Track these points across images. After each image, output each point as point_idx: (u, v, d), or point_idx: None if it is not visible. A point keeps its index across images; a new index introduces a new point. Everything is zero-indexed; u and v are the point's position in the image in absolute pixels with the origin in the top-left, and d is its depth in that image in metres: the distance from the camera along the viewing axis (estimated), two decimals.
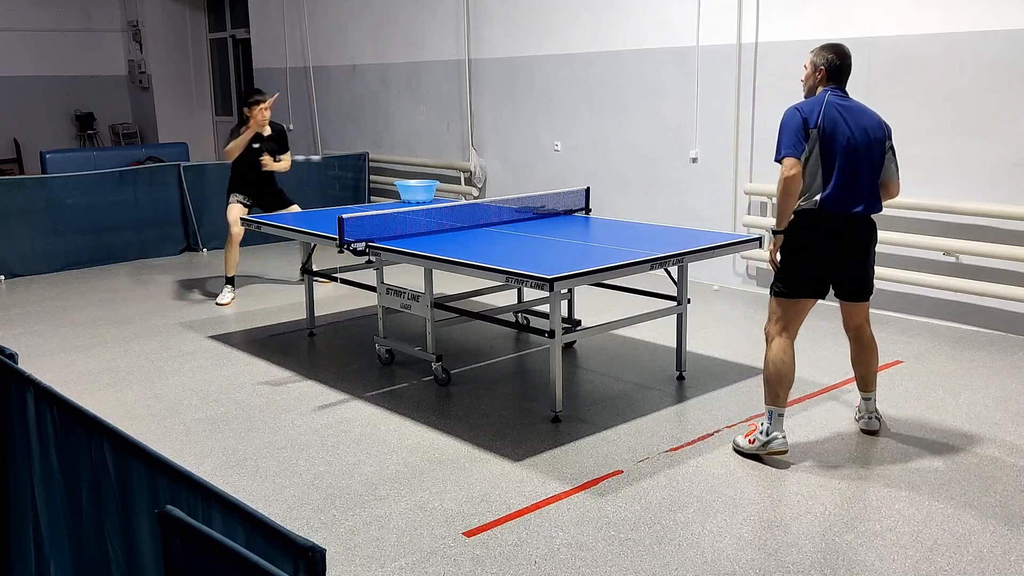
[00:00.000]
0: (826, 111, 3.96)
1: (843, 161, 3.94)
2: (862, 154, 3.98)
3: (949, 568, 3.23)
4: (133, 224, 9.06)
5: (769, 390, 4.10)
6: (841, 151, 3.94)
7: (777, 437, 4.07)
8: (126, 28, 14.48)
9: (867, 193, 4.02)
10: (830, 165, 3.95)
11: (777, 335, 4.11)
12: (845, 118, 3.97)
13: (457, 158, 9.85)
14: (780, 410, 4.08)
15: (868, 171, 4.01)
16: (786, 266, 4.09)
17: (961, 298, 6.21)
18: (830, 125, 3.94)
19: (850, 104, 4.04)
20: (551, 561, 3.31)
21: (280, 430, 4.61)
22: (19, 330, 6.56)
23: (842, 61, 4.06)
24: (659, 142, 7.89)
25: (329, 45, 11.30)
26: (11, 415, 2.56)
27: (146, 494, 1.97)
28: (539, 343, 5.90)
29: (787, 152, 3.93)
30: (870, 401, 4.41)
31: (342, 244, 5.07)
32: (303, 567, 1.46)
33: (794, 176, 3.90)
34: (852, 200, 3.98)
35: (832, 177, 3.95)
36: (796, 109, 4.01)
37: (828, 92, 4.04)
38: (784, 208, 3.99)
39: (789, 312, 4.09)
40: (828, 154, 3.95)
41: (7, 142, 13.57)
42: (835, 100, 4.01)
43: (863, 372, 4.38)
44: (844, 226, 4.01)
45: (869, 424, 4.41)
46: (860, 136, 3.97)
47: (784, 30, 6.94)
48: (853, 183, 3.97)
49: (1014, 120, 5.87)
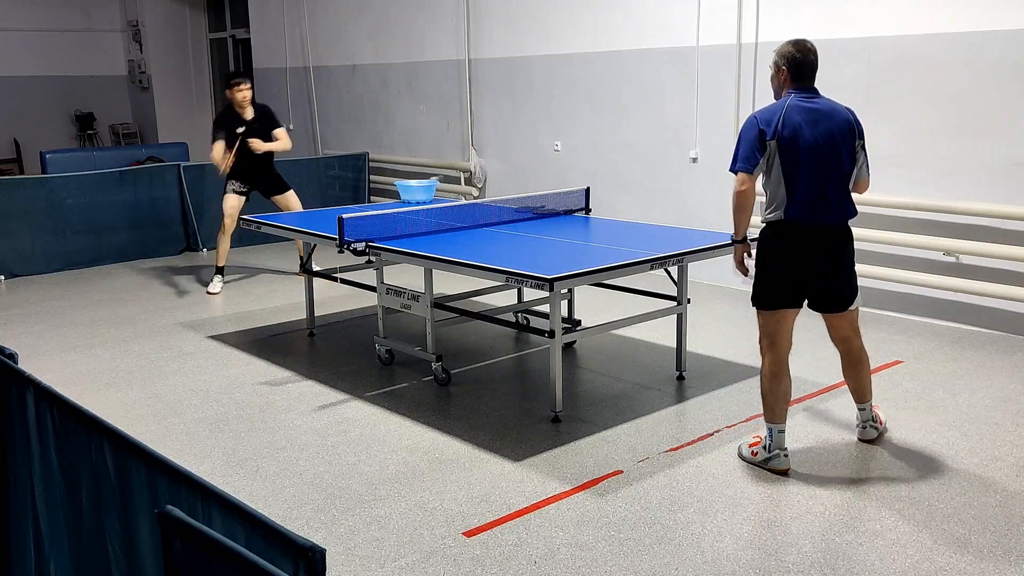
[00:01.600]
0: (787, 118, 3.77)
1: (807, 170, 3.77)
2: (829, 161, 3.80)
3: (949, 568, 3.23)
4: (133, 224, 9.06)
5: (765, 406, 4.02)
6: (804, 160, 3.76)
7: (779, 455, 3.98)
8: (126, 28, 14.48)
9: (836, 201, 3.84)
10: (793, 175, 3.78)
11: (768, 350, 4.01)
12: (810, 122, 3.78)
13: (457, 158, 9.85)
14: (780, 426, 3.99)
15: (836, 178, 3.84)
16: (758, 277, 4.00)
17: (961, 298, 6.20)
18: (790, 134, 3.75)
19: (816, 106, 3.83)
20: (551, 561, 3.31)
21: (280, 430, 4.61)
22: (19, 330, 6.56)
23: (804, 56, 3.85)
24: (659, 142, 7.89)
25: (329, 45, 11.30)
26: (11, 415, 2.56)
27: (146, 494, 1.97)
28: (539, 343, 5.90)
29: (739, 166, 3.83)
30: (865, 411, 4.30)
31: (342, 244, 5.07)
32: (303, 567, 1.46)
33: (744, 191, 3.85)
34: (819, 210, 3.81)
35: (796, 187, 3.79)
36: (754, 118, 3.84)
37: (791, 95, 3.85)
38: (738, 221, 3.98)
39: (770, 324, 3.99)
40: (790, 164, 3.77)
41: (7, 142, 13.57)
42: (798, 104, 3.81)
43: (854, 385, 4.25)
44: (812, 236, 3.85)
45: (864, 434, 4.32)
46: (825, 142, 3.78)
47: (784, 30, 6.93)
48: (819, 192, 3.80)
49: (1014, 120, 5.87)
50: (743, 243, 4.10)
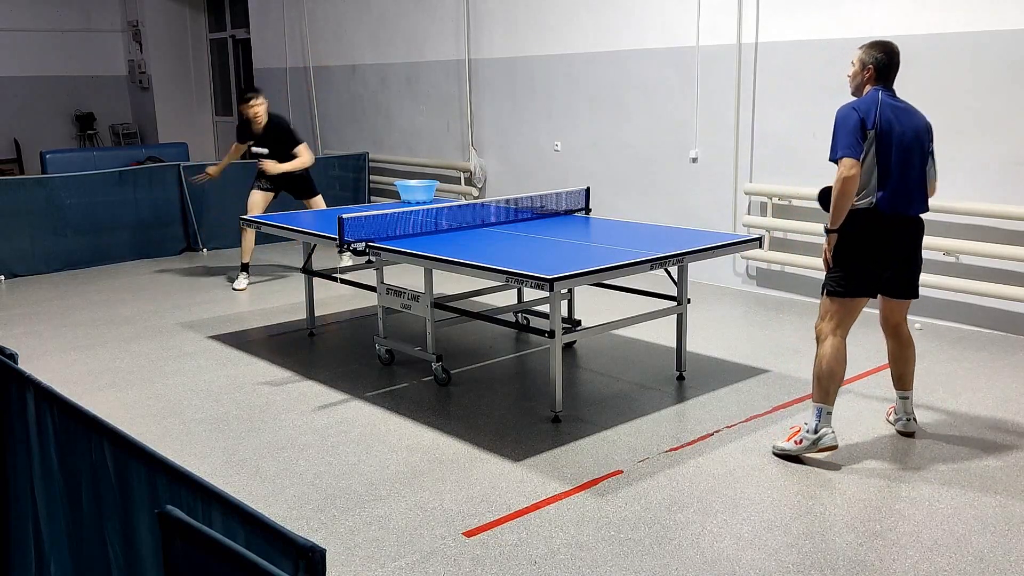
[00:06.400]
0: (882, 111, 3.95)
1: (897, 162, 3.95)
2: (914, 155, 4.01)
3: (949, 568, 3.23)
4: (133, 224, 9.06)
5: (820, 387, 4.08)
6: (896, 152, 3.95)
7: (827, 433, 4.06)
8: (126, 28, 14.48)
9: (918, 193, 4.06)
10: (886, 165, 3.95)
11: (831, 333, 4.08)
12: (899, 119, 3.98)
13: (457, 158, 9.85)
14: (829, 408, 4.07)
15: (919, 172, 4.04)
16: (842, 265, 4.06)
17: (961, 298, 6.20)
18: (887, 126, 3.94)
19: (900, 104, 4.05)
20: (551, 561, 3.31)
21: (280, 430, 4.61)
22: (19, 330, 6.56)
23: (891, 60, 4.06)
24: (659, 142, 7.89)
25: (329, 45, 11.30)
26: (11, 415, 2.56)
27: (146, 494, 1.97)
28: (539, 343, 5.90)
29: (845, 152, 3.90)
30: (908, 401, 4.37)
31: (342, 244, 5.07)
32: (303, 567, 1.46)
33: (853, 176, 3.89)
34: (905, 200, 4.00)
35: (887, 178, 3.95)
36: (853, 108, 3.97)
37: (880, 91, 4.02)
38: (840, 208, 3.97)
39: (844, 311, 4.08)
40: (884, 155, 3.94)
41: (7, 142, 13.57)
42: (888, 100, 4.01)
43: (901, 370, 4.34)
44: (897, 226, 4.03)
45: (907, 426, 4.37)
46: (911, 137, 3.99)
47: (784, 30, 6.94)
48: (906, 184, 3.99)
49: (1014, 120, 5.87)
50: (836, 232, 4.07)
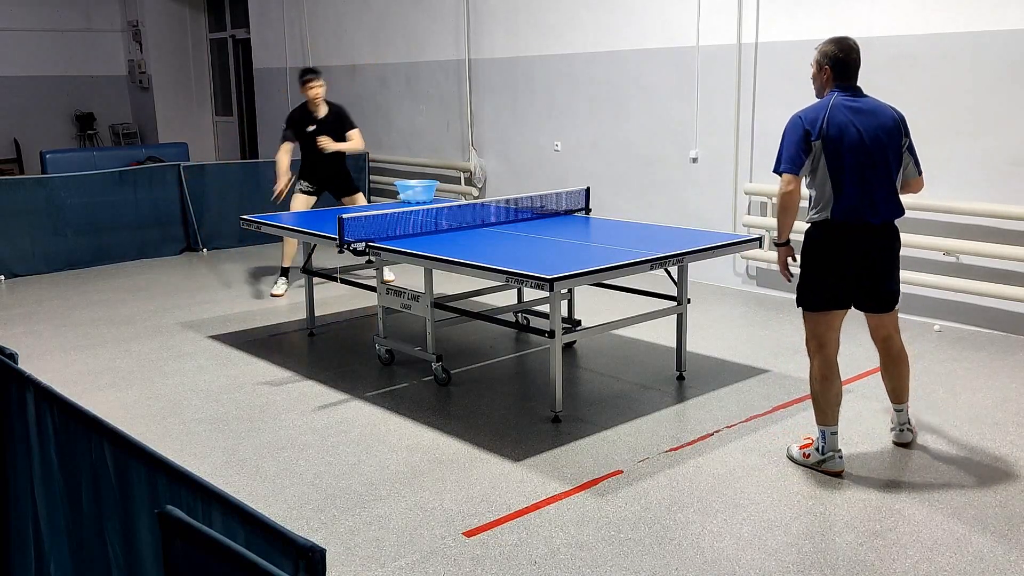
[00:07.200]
0: (831, 117, 3.72)
1: (853, 169, 3.72)
2: (877, 159, 3.75)
3: (949, 568, 3.23)
4: (133, 224, 9.06)
5: (817, 409, 3.97)
6: (850, 159, 3.71)
7: (833, 457, 3.93)
8: (126, 28, 14.49)
9: (883, 201, 3.79)
10: (839, 175, 3.72)
11: (816, 352, 3.95)
12: (855, 122, 3.72)
13: (457, 158, 9.85)
14: (832, 428, 3.93)
15: (884, 177, 3.78)
16: (804, 279, 3.93)
17: (961, 298, 6.20)
18: (835, 133, 3.70)
19: (861, 104, 3.78)
20: (551, 561, 3.31)
21: (280, 430, 4.61)
22: (19, 330, 6.56)
23: (847, 55, 3.78)
24: (659, 142, 7.89)
25: (329, 45, 11.30)
26: (11, 415, 2.56)
27: (146, 494, 1.97)
28: (539, 343, 5.90)
29: (784, 167, 3.77)
30: (902, 412, 4.23)
31: (342, 244, 5.07)
32: (303, 567, 1.46)
33: (790, 192, 3.77)
34: (866, 210, 3.76)
35: (842, 187, 3.73)
36: (799, 117, 3.77)
37: (835, 94, 3.78)
38: (782, 223, 3.89)
39: (819, 326, 3.93)
40: (836, 163, 3.72)
41: (7, 142, 13.57)
42: (843, 102, 3.76)
43: (894, 384, 4.17)
44: (859, 236, 3.81)
45: (901, 436, 4.25)
46: (872, 141, 3.73)
47: (784, 30, 6.94)
48: (866, 192, 3.75)
49: (1014, 120, 5.87)
50: (786, 246, 4.00)
